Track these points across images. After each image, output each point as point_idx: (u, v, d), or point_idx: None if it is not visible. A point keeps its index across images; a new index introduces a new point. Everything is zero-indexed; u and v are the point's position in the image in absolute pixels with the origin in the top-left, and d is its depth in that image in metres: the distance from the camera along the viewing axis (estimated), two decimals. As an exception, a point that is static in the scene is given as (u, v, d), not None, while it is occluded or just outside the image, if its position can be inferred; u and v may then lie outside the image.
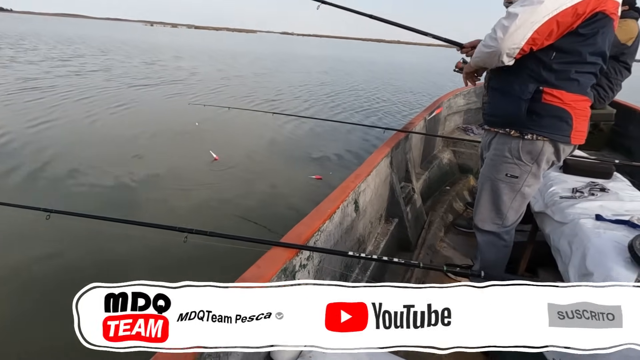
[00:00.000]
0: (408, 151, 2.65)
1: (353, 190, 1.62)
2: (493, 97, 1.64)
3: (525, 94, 1.46)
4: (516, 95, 1.48)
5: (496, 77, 1.60)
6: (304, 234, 1.19)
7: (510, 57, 1.40)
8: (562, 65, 1.40)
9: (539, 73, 1.43)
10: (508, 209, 1.69)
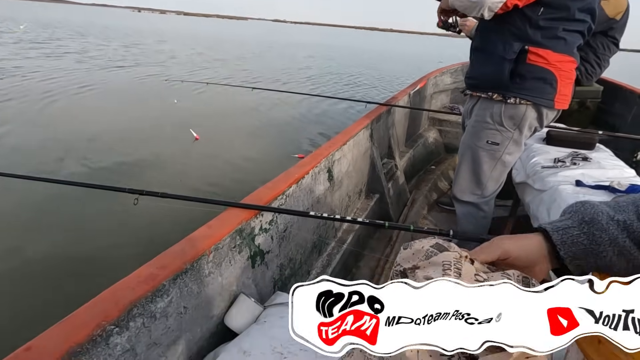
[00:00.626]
0: (391, 126, 2.56)
1: (326, 157, 1.53)
2: (476, 58, 1.56)
3: (509, 53, 1.39)
4: (499, 55, 1.42)
5: (479, 36, 1.53)
6: (265, 196, 1.11)
7: (491, 12, 1.33)
8: (550, 22, 1.33)
9: (524, 31, 1.36)
10: (488, 179, 1.64)
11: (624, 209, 0.45)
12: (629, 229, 0.44)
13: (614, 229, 0.44)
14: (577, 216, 0.47)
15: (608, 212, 0.45)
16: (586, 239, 0.46)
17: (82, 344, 0.59)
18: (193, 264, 0.82)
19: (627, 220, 0.44)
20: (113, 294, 0.68)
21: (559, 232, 0.47)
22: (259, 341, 0.85)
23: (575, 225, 0.46)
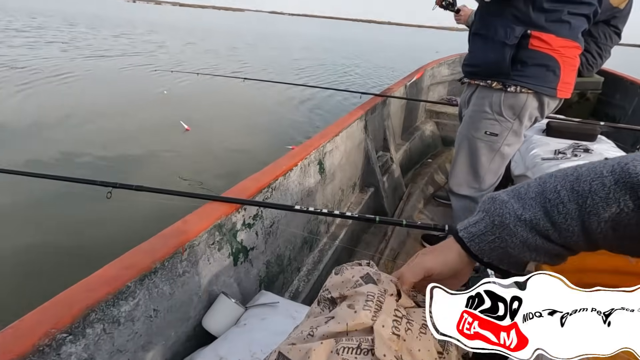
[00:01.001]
0: (386, 118, 2.49)
1: (316, 148, 1.46)
2: (474, 44, 1.48)
3: (510, 38, 1.31)
4: (500, 40, 1.34)
5: (479, 21, 1.45)
6: (249, 189, 1.04)
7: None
8: (554, 5, 1.25)
9: (527, 14, 1.28)
10: (486, 171, 1.57)
11: (530, 205, 0.44)
12: (536, 227, 0.43)
13: (522, 230, 0.44)
14: (488, 218, 0.46)
15: (515, 212, 0.44)
16: (500, 243, 0.46)
17: (25, 355, 0.52)
18: (164, 263, 0.75)
19: (534, 219, 0.43)
20: (67, 298, 0.61)
21: (475, 240, 0.47)
22: (237, 346, 0.78)
23: (488, 230, 0.46)
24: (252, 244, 1.07)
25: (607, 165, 0.40)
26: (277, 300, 0.93)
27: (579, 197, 0.41)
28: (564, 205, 0.41)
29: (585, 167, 0.42)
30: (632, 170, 0.37)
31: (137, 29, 18.61)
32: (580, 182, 0.41)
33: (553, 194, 0.42)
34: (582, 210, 0.40)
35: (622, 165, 0.39)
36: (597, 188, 0.39)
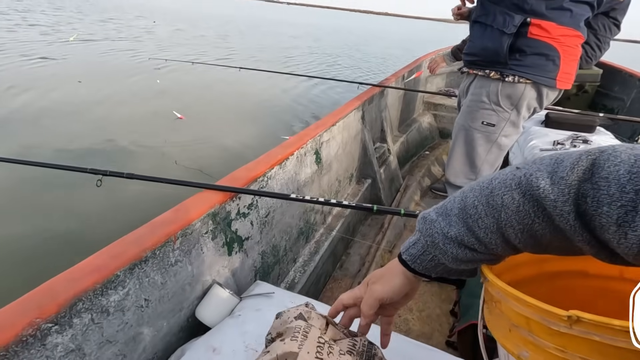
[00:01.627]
0: (384, 109, 2.46)
1: (313, 138, 1.43)
2: (474, 32, 1.46)
3: (509, 27, 1.28)
4: (499, 28, 1.31)
5: (480, 7, 1.42)
6: (243, 178, 1.01)
7: None
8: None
9: (527, 1, 1.25)
10: (483, 162, 1.55)
11: (455, 221, 0.45)
12: (462, 243, 0.45)
13: (450, 247, 0.46)
14: (422, 238, 0.49)
15: (442, 230, 0.46)
16: (438, 260, 0.49)
17: (7, 345, 0.49)
18: (155, 252, 0.73)
19: (459, 235, 0.45)
20: (51, 287, 0.58)
21: (416, 262, 0.50)
22: (230, 337, 0.76)
23: (425, 250, 0.49)
24: (247, 233, 1.05)
25: (516, 178, 0.40)
26: (273, 291, 0.91)
27: (494, 211, 0.42)
28: (482, 220, 0.43)
29: (499, 178, 0.42)
30: (534, 184, 0.38)
31: (126, 14, 18.22)
32: (493, 196, 0.42)
33: (472, 209, 0.44)
34: (498, 223, 0.42)
35: (527, 177, 0.39)
36: (508, 202, 0.40)
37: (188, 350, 0.75)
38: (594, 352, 0.32)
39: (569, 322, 0.34)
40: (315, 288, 1.54)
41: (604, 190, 0.34)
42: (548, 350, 0.36)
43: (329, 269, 1.71)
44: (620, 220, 0.33)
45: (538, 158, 0.42)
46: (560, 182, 0.37)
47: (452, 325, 1.48)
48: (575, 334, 0.33)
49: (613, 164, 0.34)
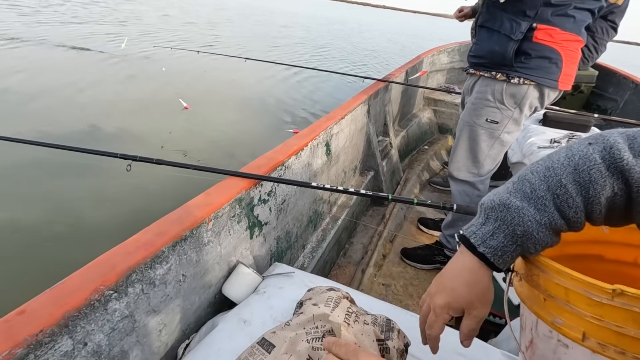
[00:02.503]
0: (387, 103, 2.52)
1: (324, 130, 1.49)
2: (480, 35, 1.52)
3: (516, 33, 1.35)
4: (506, 34, 1.38)
5: (486, 12, 1.48)
6: (264, 166, 1.08)
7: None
8: (562, 0, 1.29)
9: (534, 9, 1.32)
10: (485, 157, 1.63)
11: (544, 205, 0.43)
12: (554, 227, 0.43)
13: (544, 235, 0.43)
14: (506, 228, 0.44)
15: (534, 217, 0.43)
16: (521, 250, 0.45)
17: (80, 308, 0.56)
18: (192, 232, 0.79)
19: (552, 220, 0.43)
20: (109, 258, 0.65)
21: (497, 254, 0.45)
22: (258, 311, 0.83)
23: (509, 240, 0.44)
24: (266, 219, 1.12)
25: (596, 151, 0.41)
26: (293, 271, 0.98)
27: (582, 188, 0.41)
28: (573, 200, 0.42)
29: (577, 155, 0.42)
30: (617, 155, 0.39)
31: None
32: (579, 172, 0.41)
33: (560, 188, 0.42)
34: (586, 200, 0.41)
35: (608, 150, 0.40)
36: (596, 177, 0.40)
37: (220, 321, 0.82)
38: (628, 320, 0.37)
39: (612, 294, 0.37)
40: (322, 273, 1.62)
41: None
42: (585, 319, 0.40)
43: (333, 256, 1.79)
44: None
45: (605, 132, 0.43)
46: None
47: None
48: (615, 305, 0.37)
49: None
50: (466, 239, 0.47)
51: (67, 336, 0.54)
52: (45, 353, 0.51)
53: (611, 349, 0.38)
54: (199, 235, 0.82)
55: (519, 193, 0.44)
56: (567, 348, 0.44)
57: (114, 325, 0.62)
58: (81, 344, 0.56)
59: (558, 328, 0.43)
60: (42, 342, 0.51)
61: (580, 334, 0.41)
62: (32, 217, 2.17)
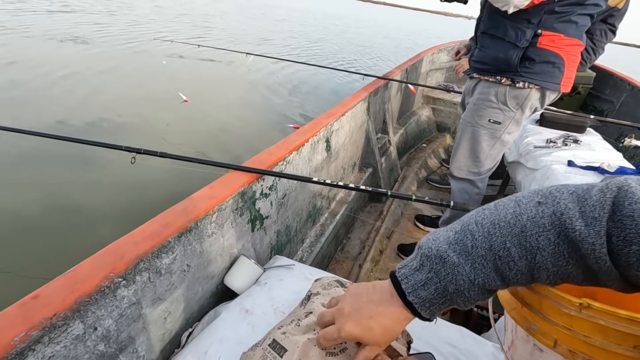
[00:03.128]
0: (387, 101, 2.55)
1: (325, 127, 1.52)
2: (484, 42, 1.52)
3: (521, 41, 1.37)
4: (511, 42, 1.39)
5: (489, 19, 1.49)
6: (267, 161, 1.10)
7: (516, 8, 1.30)
8: (566, 7, 1.31)
9: (539, 17, 1.33)
10: (486, 157, 1.66)
11: (482, 264, 0.41)
12: (487, 287, 0.42)
13: (474, 294, 0.43)
14: (439, 282, 0.43)
15: (468, 277, 0.42)
16: (450, 304, 0.44)
17: (91, 294, 0.58)
18: (197, 223, 0.82)
19: (487, 281, 0.42)
20: (118, 247, 0.67)
21: (425, 305, 0.44)
22: (260, 301, 0.86)
23: (439, 294, 0.43)
24: (267, 212, 1.14)
25: (546, 216, 0.38)
26: (293, 263, 1.01)
27: (528, 254, 0.39)
28: (515, 263, 0.40)
29: (525, 215, 0.39)
30: (569, 225, 0.37)
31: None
32: (526, 236, 0.39)
33: (503, 250, 0.40)
34: (531, 265, 0.40)
35: (559, 217, 0.37)
36: (544, 244, 0.38)
37: (223, 311, 0.84)
38: (595, 331, 0.39)
39: (580, 307, 0.39)
40: (320, 267, 1.65)
41: (631, 229, 0.34)
42: (556, 327, 0.42)
43: (331, 251, 1.82)
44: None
45: (554, 189, 0.40)
46: (594, 223, 0.35)
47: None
48: (582, 317, 0.39)
49: (633, 201, 0.34)
50: (398, 281, 0.45)
51: (78, 320, 0.56)
52: (58, 336, 0.54)
53: (580, 356, 0.41)
54: (204, 227, 0.84)
55: (458, 245, 0.42)
56: (541, 352, 0.47)
57: (122, 311, 0.65)
58: (92, 328, 0.59)
59: (533, 334, 0.46)
60: (56, 325, 0.53)
61: (552, 341, 0.43)
62: (36, 207, 2.19)
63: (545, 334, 0.44)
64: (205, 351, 0.73)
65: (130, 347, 0.68)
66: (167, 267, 0.74)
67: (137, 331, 0.69)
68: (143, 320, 0.70)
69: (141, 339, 0.70)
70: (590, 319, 0.39)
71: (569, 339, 0.42)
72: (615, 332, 0.38)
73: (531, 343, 0.49)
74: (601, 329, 0.39)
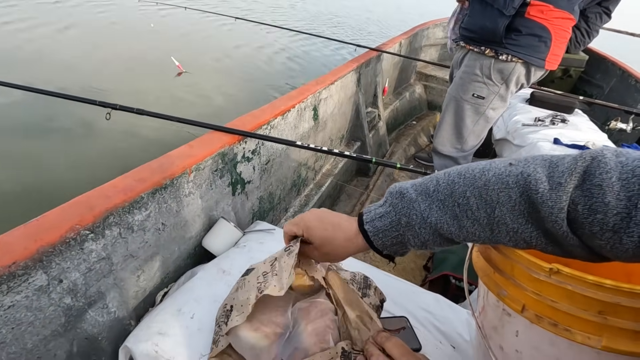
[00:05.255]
0: (378, 74, 2.49)
1: (312, 94, 1.47)
2: (473, 8, 1.50)
3: (508, 8, 1.33)
4: (498, 8, 1.36)
5: None
6: (250, 123, 1.06)
7: None
8: None
9: None
10: (469, 133, 1.65)
11: (438, 207, 0.43)
12: (440, 231, 0.43)
13: (425, 233, 0.44)
14: (394, 215, 0.46)
15: (422, 213, 0.44)
16: (402, 239, 0.46)
17: (54, 244, 0.55)
18: (173, 181, 0.79)
19: (439, 223, 0.43)
20: (87, 199, 0.64)
21: (378, 235, 0.47)
22: (238, 262, 0.85)
23: (393, 226, 0.46)
24: (249, 177, 1.12)
25: (512, 175, 0.39)
26: (274, 228, 0.99)
27: (487, 206, 0.40)
28: (473, 212, 0.41)
29: (493, 171, 0.40)
30: (532, 186, 0.37)
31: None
32: (488, 190, 0.40)
33: (462, 199, 0.41)
34: (490, 219, 0.40)
35: (525, 177, 0.38)
36: (504, 200, 0.39)
37: (199, 271, 0.83)
38: (563, 297, 0.40)
39: (549, 272, 0.40)
40: None
41: (598, 198, 0.34)
42: (525, 292, 0.43)
43: (315, 222, 1.81)
44: (616, 227, 0.33)
45: (530, 157, 0.41)
46: (558, 188, 0.36)
47: (425, 277, 1.63)
48: (551, 282, 0.40)
49: (604, 171, 0.34)
50: (361, 212, 0.49)
51: (41, 271, 0.54)
52: (18, 285, 0.51)
53: (546, 320, 0.42)
54: (180, 185, 0.81)
55: (420, 187, 0.45)
56: (509, 317, 0.48)
57: (91, 265, 0.62)
58: (56, 280, 0.57)
59: (502, 298, 0.47)
60: (16, 274, 0.51)
61: (520, 306, 0.44)
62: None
63: (514, 299, 0.45)
64: (180, 309, 0.72)
65: (100, 303, 0.66)
66: (140, 223, 0.72)
67: (107, 287, 0.67)
68: (114, 277, 0.68)
69: (112, 295, 0.68)
70: (559, 284, 0.40)
71: (537, 303, 0.42)
72: (582, 298, 0.38)
73: (500, 308, 0.49)
74: (568, 294, 0.39)
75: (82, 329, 0.63)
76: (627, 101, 2.56)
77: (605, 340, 0.38)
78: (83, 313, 0.63)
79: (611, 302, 0.36)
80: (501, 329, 0.50)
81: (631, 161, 0.34)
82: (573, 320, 0.40)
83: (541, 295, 0.42)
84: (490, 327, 0.53)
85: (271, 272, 0.56)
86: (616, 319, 0.37)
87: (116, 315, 0.70)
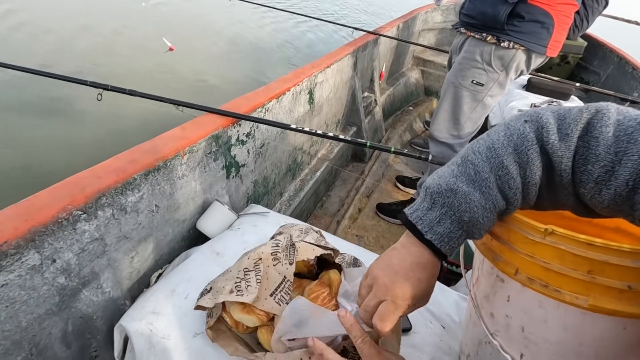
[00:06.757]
0: (375, 58, 2.46)
1: (308, 77, 1.45)
2: None
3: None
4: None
5: None
6: (244, 106, 1.05)
7: None
8: None
9: None
10: (466, 120, 1.64)
11: (488, 187, 0.42)
12: (497, 210, 0.43)
13: (488, 220, 0.43)
14: (453, 214, 0.43)
15: (480, 203, 0.42)
16: (466, 237, 0.44)
17: (46, 224, 0.55)
18: (166, 163, 0.78)
19: (495, 203, 0.42)
20: (79, 180, 0.63)
21: (444, 241, 0.43)
22: (232, 245, 0.85)
23: (455, 227, 0.43)
24: (244, 160, 1.11)
25: (532, 130, 0.40)
26: (268, 211, 1.00)
27: (521, 169, 0.41)
28: (514, 180, 0.41)
29: (512, 132, 0.41)
30: (545, 137, 0.39)
31: None
32: (519, 153, 0.40)
33: (502, 169, 0.41)
34: (525, 180, 0.41)
35: (540, 130, 0.40)
36: (533, 157, 0.40)
37: (193, 253, 0.83)
38: (554, 257, 0.41)
39: (544, 233, 0.41)
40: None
41: (593, 149, 0.36)
42: (519, 255, 0.45)
43: (310, 206, 1.82)
44: (599, 179, 0.35)
45: (540, 109, 0.42)
46: (566, 138, 0.38)
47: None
48: (546, 243, 0.41)
49: (605, 124, 0.36)
50: (412, 224, 0.44)
51: (34, 250, 0.54)
52: (11, 264, 0.51)
53: (537, 282, 0.44)
54: (173, 167, 0.81)
55: (463, 176, 0.42)
56: (502, 282, 0.49)
57: (84, 246, 0.62)
58: (49, 259, 0.57)
59: (497, 264, 0.48)
60: (8, 253, 0.51)
61: (514, 269, 0.46)
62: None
63: (507, 264, 0.47)
64: (173, 289, 0.72)
65: (94, 283, 0.66)
66: (133, 205, 0.72)
67: (101, 267, 0.67)
68: (107, 258, 0.69)
69: (106, 275, 0.69)
70: (553, 244, 0.41)
71: (530, 265, 0.44)
72: (573, 257, 0.40)
73: (494, 275, 0.51)
74: (560, 254, 0.41)
75: (77, 308, 0.63)
76: (624, 88, 2.56)
77: (592, 299, 0.40)
78: (77, 293, 0.63)
79: (600, 261, 0.38)
80: (493, 296, 0.52)
81: (627, 120, 0.36)
82: (563, 280, 0.41)
83: (534, 257, 0.43)
84: (482, 297, 0.55)
85: (244, 280, 0.59)
86: (604, 277, 0.39)
87: (110, 296, 0.70)
